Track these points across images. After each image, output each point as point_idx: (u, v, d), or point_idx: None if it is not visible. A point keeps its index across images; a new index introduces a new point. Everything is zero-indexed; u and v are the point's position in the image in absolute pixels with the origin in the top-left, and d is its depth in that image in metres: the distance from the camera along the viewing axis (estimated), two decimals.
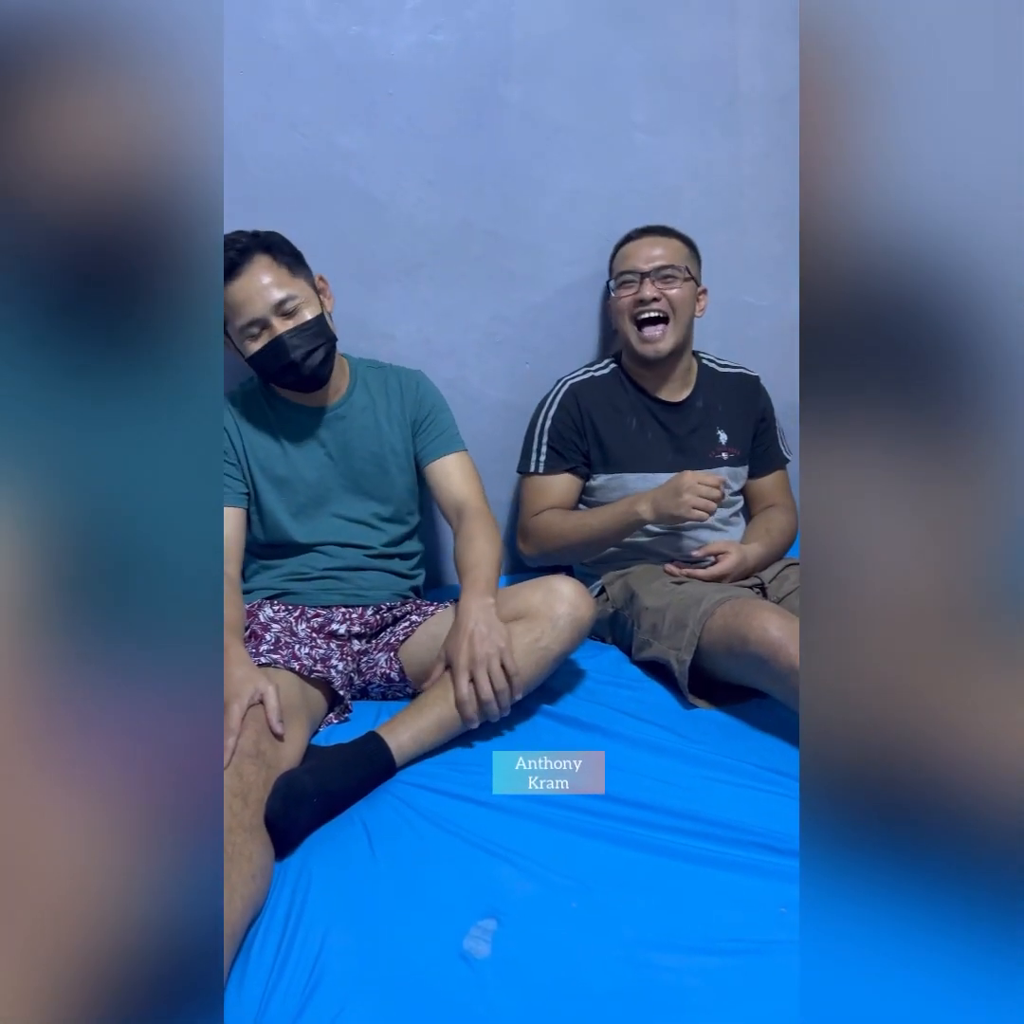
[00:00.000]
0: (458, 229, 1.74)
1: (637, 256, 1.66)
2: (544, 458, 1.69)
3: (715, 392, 1.76)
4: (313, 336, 1.37)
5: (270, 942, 0.92)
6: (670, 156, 1.86)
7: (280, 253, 1.38)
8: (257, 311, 1.34)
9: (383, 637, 1.48)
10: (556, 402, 1.71)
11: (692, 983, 0.87)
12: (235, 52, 1.52)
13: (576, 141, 1.79)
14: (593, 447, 1.69)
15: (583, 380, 1.73)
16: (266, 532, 1.48)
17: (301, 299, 1.37)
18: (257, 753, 1.08)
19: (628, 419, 1.70)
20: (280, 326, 1.34)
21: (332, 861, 1.04)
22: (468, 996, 0.86)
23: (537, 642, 1.32)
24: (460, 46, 1.66)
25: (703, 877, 1.01)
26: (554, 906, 0.97)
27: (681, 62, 1.83)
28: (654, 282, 1.63)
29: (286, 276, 1.36)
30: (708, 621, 1.37)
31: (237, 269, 1.34)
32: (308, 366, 1.37)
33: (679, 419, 1.72)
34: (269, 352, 1.35)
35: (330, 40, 1.57)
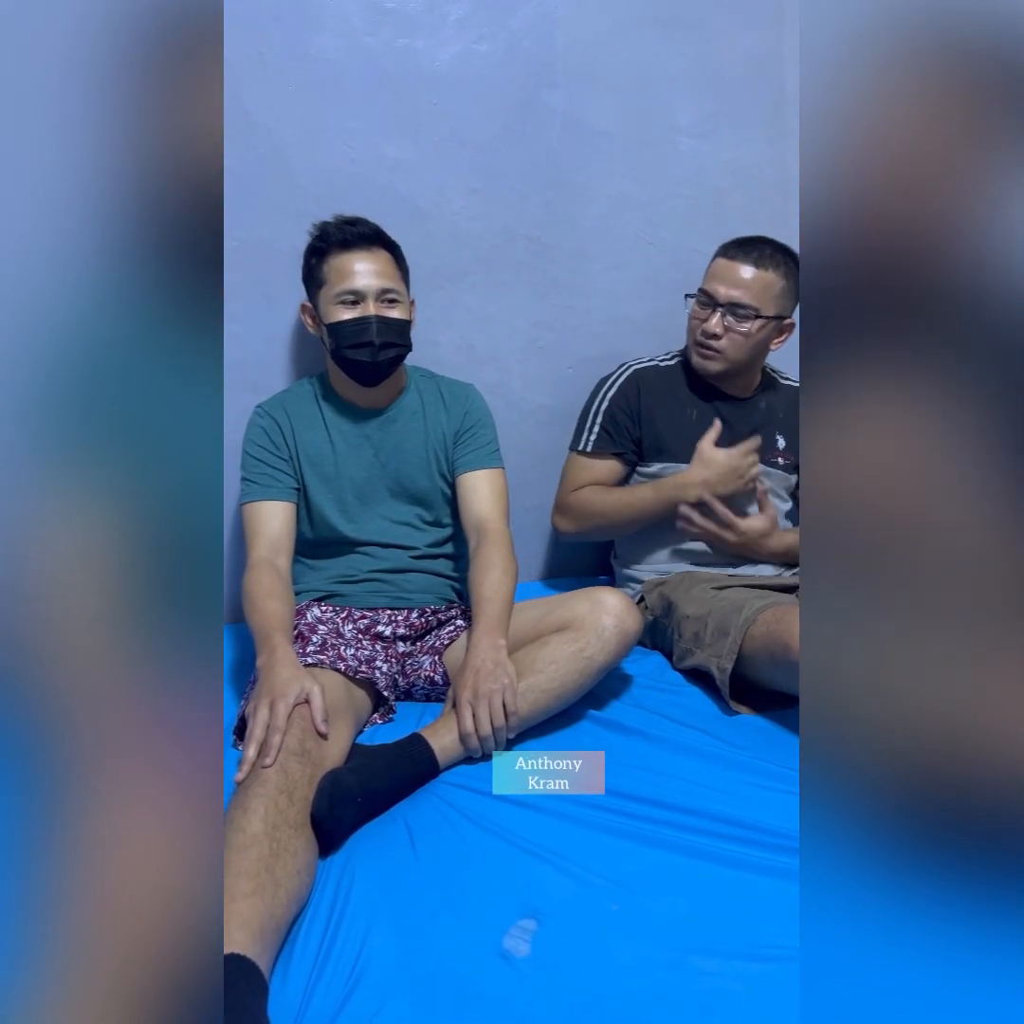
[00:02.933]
0: (501, 236, 1.76)
1: (722, 279, 1.58)
2: (595, 437, 1.70)
3: (777, 399, 1.75)
4: (397, 334, 1.43)
5: (313, 937, 0.94)
6: (715, 160, 1.86)
7: (399, 258, 1.47)
8: (361, 285, 1.40)
9: (428, 640, 1.50)
10: (617, 385, 1.71)
11: (732, 988, 0.87)
12: (286, 68, 1.56)
13: (620, 147, 1.79)
14: (647, 435, 1.69)
15: (647, 367, 1.73)
16: (314, 528, 1.50)
17: (400, 299, 1.44)
18: (303, 751, 1.10)
19: (688, 410, 1.69)
20: (375, 309, 1.40)
21: (375, 859, 1.05)
22: (507, 994, 0.87)
23: (582, 652, 1.32)
24: (504, 55, 1.68)
25: (745, 882, 1.01)
26: (594, 908, 0.98)
27: (726, 66, 1.82)
28: (724, 315, 1.58)
29: (397, 276, 1.45)
30: (750, 628, 1.37)
31: (357, 245, 1.41)
32: (381, 356, 1.42)
33: (741, 416, 1.71)
34: (356, 325, 1.40)
35: (377, 53, 1.61)
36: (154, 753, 0.62)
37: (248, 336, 1.64)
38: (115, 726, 0.62)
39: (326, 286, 1.42)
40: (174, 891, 0.61)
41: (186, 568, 0.66)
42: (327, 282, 1.42)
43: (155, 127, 0.65)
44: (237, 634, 1.59)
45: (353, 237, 1.42)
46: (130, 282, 0.65)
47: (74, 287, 0.64)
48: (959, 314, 0.65)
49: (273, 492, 1.45)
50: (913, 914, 0.63)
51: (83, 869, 0.59)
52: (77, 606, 0.63)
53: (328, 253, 1.42)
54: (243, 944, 0.84)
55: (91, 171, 0.64)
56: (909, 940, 0.63)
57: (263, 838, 0.96)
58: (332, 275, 1.41)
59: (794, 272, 1.60)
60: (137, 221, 0.65)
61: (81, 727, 0.61)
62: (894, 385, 0.66)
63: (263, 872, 0.92)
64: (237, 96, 1.53)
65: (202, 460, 0.68)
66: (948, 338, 0.65)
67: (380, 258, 1.43)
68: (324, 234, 1.44)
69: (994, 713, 0.63)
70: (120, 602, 0.63)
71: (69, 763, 0.60)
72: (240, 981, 0.81)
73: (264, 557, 1.40)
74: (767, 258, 1.58)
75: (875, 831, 0.65)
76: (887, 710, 0.65)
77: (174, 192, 0.66)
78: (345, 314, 1.40)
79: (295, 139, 1.60)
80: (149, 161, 0.65)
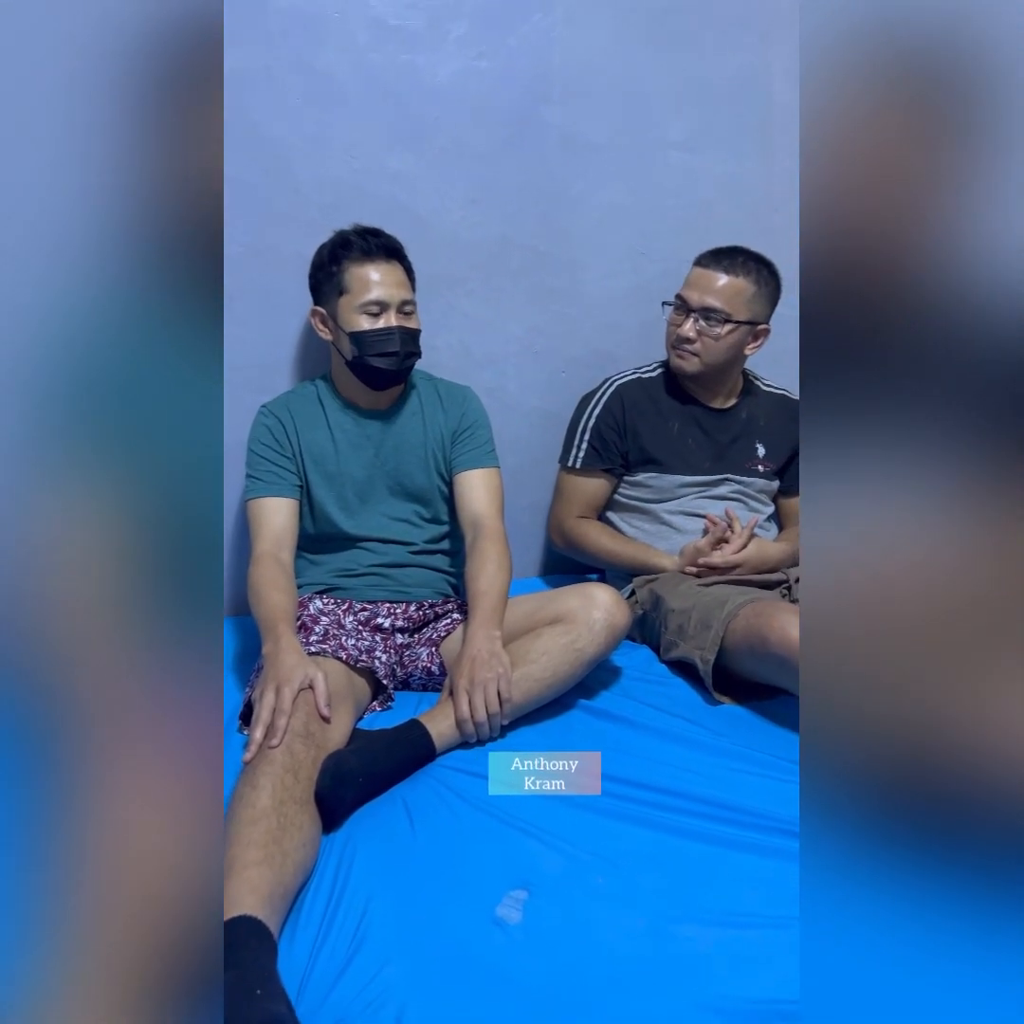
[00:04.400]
0: (498, 245, 1.82)
1: (696, 287, 1.66)
2: (583, 455, 1.77)
3: (758, 407, 1.82)
4: (415, 343, 1.51)
5: (318, 905, 1.00)
6: (704, 173, 1.92)
7: (409, 269, 1.54)
8: (385, 296, 1.46)
9: (425, 633, 1.56)
10: (602, 402, 1.78)
11: (710, 953, 0.94)
12: (293, 83, 1.62)
13: (613, 160, 1.86)
14: (633, 448, 1.76)
15: (630, 380, 1.80)
16: (315, 524, 1.56)
17: (415, 310, 1.52)
18: (307, 734, 1.16)
19: (670, 423, 1.77)
20: (396, 320, 1.47)
21: (375, 835, 1.11)
22: (500, 958, 0.93)
23: (573, 644, 1.39)
24: (502, 71, 1.74)
25: (723, 858, 1.07)
26: (582, 880, 1.04)
27: (715, 82, 1.89)
28: (697, 320, 1.66)
29: (410, 288, 1.53)
30: (731, 622, 1.43)
31: (377, 256, 1.48)
32: (402, 365, 1.49)
33: (722, 426, 1.78)
34: (382, 334, 1.46)
35: (380, 69, 1.67)
36: (156, 730, 0.65)
37: (253, 339, 1.70)
38: (119, 705, 0.64)
39: (348, 295, 1.47)
40: (176, 859, 0.64)
41: (187, 555, 0.69)
42: (349, 291, 1.46)
43: (158, 134, 0.68)
44: (241, 627, 1.64)
45: (376, 248, 1.47)
46: (132, 281, 0.68)
47: (76, 287, 0.66)
48: (946, 325, 0.67)
49: (277, 489, 1.51)
50: (911, 881, 0.66)
51: (91, 842, 0.62)
52: (82, 594, 0.66)
53: (349, 260, 1.47)
54: (253, 907, 0.91)
55: (94, 177, 0.67)
56: (907, 907, 0.66)
57: (271, 812, 1.02)
58: (355, 284, 1.46)
59: (767, 279, 1.68)
60: (139, 223, 0.68)
61: (86, 706, 0.64)
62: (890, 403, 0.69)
63: (271, 843, 0.98)
64: (245, 108, 1.59)
65: (203, 452, 0.71)
66: (934, 351, 0.68)
67: (398, 270, 1.50)
68: (346, 242, 1.48)
69: (986, 701, 0.67)
70: (123, 589, 0.66)
71: (76, 739, 0.63)
72: (251, 940, 0.87)
73: (268, 551, 1.46)
74: (739, 266, 1.65)
75: (873, 801, 0.68)
76: (882, 694, 0.69)
77: (175, 196, 0.69)
78: (368, 323, 1.46)
79: (300, 150, 1.65)
80: (152, 166, 0.68)
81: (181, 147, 0.70)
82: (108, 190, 0.68)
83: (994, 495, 0.68)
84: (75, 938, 0.61)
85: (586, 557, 1.82)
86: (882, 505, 0.70)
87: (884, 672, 0.69)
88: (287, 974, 0.88)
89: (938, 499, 0.69)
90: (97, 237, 0.67)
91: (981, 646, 0.68)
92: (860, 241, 0.71)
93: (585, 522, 1.80)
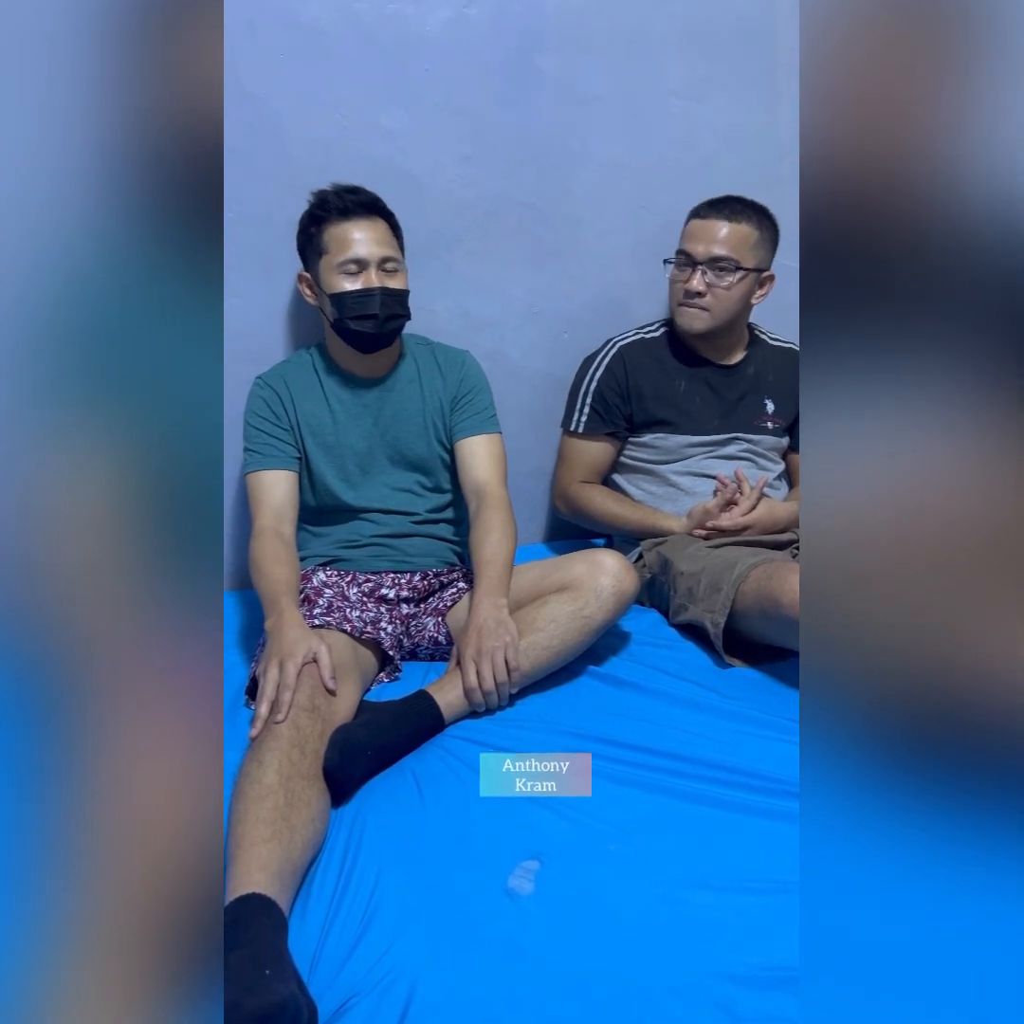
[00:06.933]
0: (495, 203, 1.77)
1: (699, 238, 1.63)
2: (585, 419, 1.74)
3: (766, 362, 1.78)
4: (400, 305, 1.46)
5: (329, 880, 0.99)
6: (707, 123, 1.86)
7: (395, 226, 1.49)
8: (363, 253, 1.42)
9: (431, 602, 1.55)
10: (603, 365, 1.74)
11: (724, 918, 0.93)
12: (277, 37, 1.56)
13: (612, 111, 1.80)
14: (637, 410, 1.72)
15: (632, 341, 1.76)
16: (316, 496, 1.54)
17: (400, 268, 1.47)
18: (312, 707, 1.15)
19: (676, 382, 1.73)
20: (377, 279, 1.42)
21: (385, 807, 1.11)
22: (512, 928, 0.93)
23: (581, 611, 1.37)
24: (493, 19, 1.67)
25: (735, 823, 1.06)
26: (593, 849, 1.03)
27: (717, 27, 1.82)
28: (705, 273, 1.62)
29: (395, 244, 1.48)
30: (742, 584, 1.41)
31: (355, 213, 1.43)
32: (385, 327, 1.45)
33: (729, 383, 1.74)
34: (360, 296, 1.42)
35: (367, 20, 1.61)
36: (157, 693, 0.64)
37: (246, 307, 1.66)
38: (120, 668, 0.64)
39: (327, 255, 1.43)
40: (176, 824, 0.63)
41: (187, 517, 0.68)
42: (328, 251, 1.43)
43: (155, 77, 0.65)
44: (244, 600, 1.63)
45: (353, 205, 1.43)
46: (129, 233, 0.66)
47: (73, 240, 0.64)
48: (950, 251, 0.66)
49: (275, 461, 1.49)
50: (910, 831, 0.65)
51: (92, 809, 0.62)
52: (83, 556, 0.65)
53: (328, 221, 1.43)
54: (263, 884, 0.90)
55: (90, 121, 0.64)
56: (906, 858, 0.65)
57: (278, 788, 1.01)
58: (333, 244, 1.43)
59: (767, 225, 1.65)
60: (137, 169, 0.65)
61: (86, 671, 0.63)
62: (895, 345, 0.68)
63: (279, 820, 0.98)
64: (230, 65, 1.53)
65: (202, 410, 0.69)
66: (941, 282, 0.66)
67: (379, 226, 1.45)
68: (323, 202, 1.45)
69: (988, 638, 0.66)
70: (124, 550, 0.65)
71: (77, 703, 0.63)
72: (261, 917, 0.87)
73: (268, 525, 1.44)
74: (739, 213, 1.63)
75: (872, 750, 0.67)
76: (883, 635, 0.67)
77: (174, 141, 0.66)
78: (348, 284, 1.42)
79: (288, 109, 1.60)
80: (149, 111, 0.65)
81: (179, 87, 0.66)
82: (101, 128, 0.65)
83: (1006, 425, 0.66)
84: (79, 910, 0.61)
85: (591, 522, 1.80)
86: (889, 441, 0.68)
87: (894, 610, 0.68)
88: (298, 951, 0.88)
89: (949, 433, 0.67)
90: (92, 182, 0.65)
91: (996, 580, 0.67)
92: (861, 174, 0.69)
93: (589, 487, 1.78)
